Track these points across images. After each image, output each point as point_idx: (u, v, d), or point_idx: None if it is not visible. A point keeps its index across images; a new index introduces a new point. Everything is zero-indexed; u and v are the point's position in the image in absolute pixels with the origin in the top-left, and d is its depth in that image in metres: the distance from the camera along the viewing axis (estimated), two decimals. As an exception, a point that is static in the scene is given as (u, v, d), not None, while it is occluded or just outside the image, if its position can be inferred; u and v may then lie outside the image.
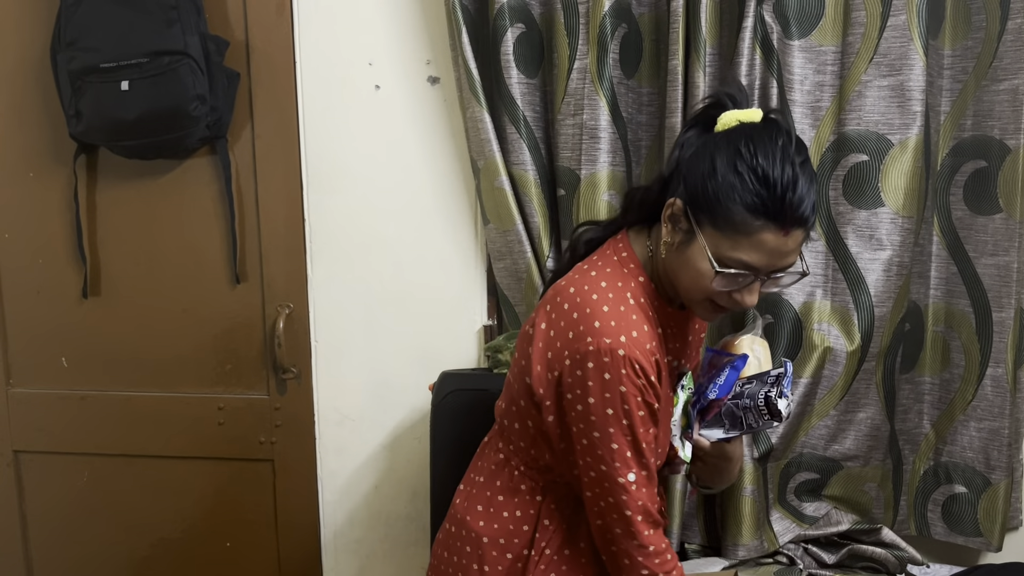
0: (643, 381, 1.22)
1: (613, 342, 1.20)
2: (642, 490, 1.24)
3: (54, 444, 2.23)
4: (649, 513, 1.25)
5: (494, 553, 1.34)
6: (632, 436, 1.22)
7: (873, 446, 1.79)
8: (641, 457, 1.23)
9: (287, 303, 2.10)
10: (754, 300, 1.20)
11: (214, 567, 2.23)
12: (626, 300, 1.24)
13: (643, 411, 1.22)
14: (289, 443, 2.16)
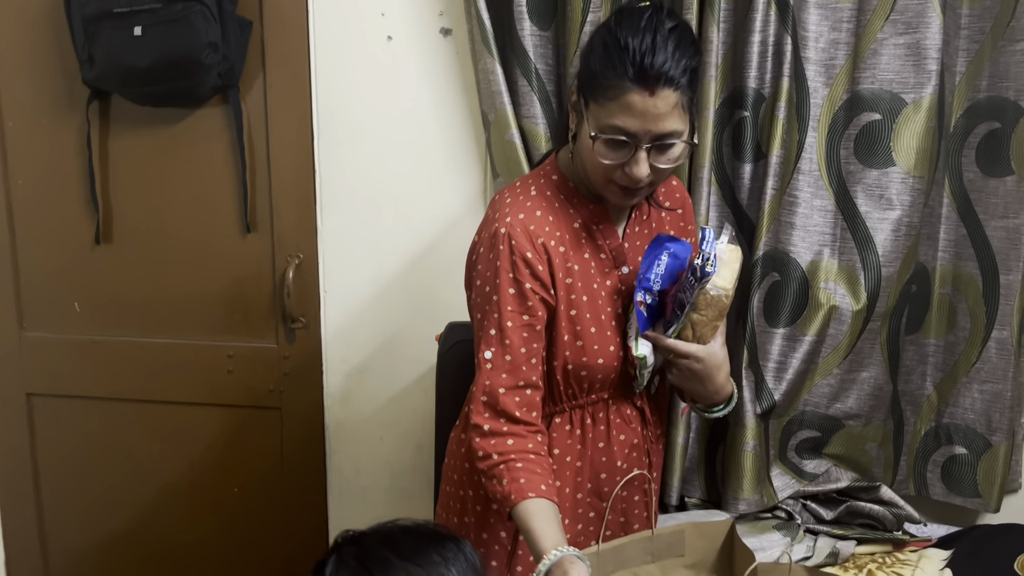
0: (517, 258, 1.28)
1: (499, 224, 1.31)
2: (497, 373, 1.28)
3: (66, 388, 2.26)
4: (494, 397, 1.28)
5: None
6: (499, 314, 1.28)
7: (875, 406, 1.81)
8: (503, 339, 1.28)
9: (297, 253, 2.12)
10: (642, 171, 1.24)
11: (221, 512, 2.28)
12: (528, 192, 1.35)
13: (513, 289, 1.28)
14: (297, 392, 2.19)
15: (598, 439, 1.42)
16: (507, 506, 1.24)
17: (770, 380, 1.77)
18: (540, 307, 1.31)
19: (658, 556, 1.42)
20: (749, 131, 1.74)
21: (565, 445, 1.40)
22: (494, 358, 1.29)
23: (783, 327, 1.76)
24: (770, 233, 1.75)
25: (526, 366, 1.30)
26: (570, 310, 1.34)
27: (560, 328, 1.34)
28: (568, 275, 1.34)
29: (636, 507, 1.49)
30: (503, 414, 1.29)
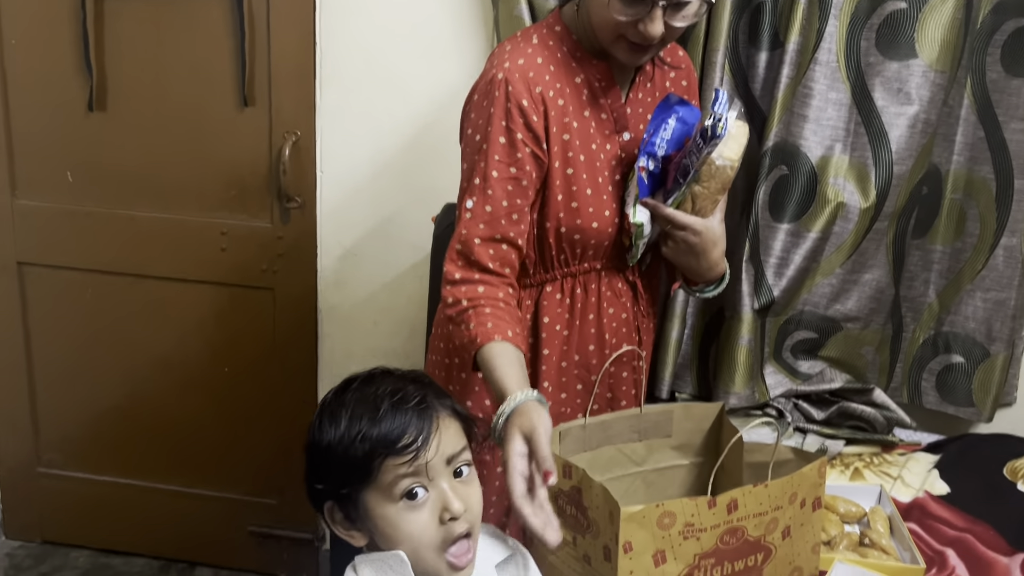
0: (512, 106, 1.24)
1: (498, 70, 1.26)
2: (475, 223, 1.25)
3: (58, 259, 2.24)
4: (469, 247, 1.25)
5: None
6: (485, 163, 1.25)
7: (875, 309, 1.78)
8: (486, 189, 1.25)
9: (294, 130, 2.06)
10: (657, 28, 1.19)
11: (211, 390, 2.28)
12: (530, 41, 1.30)
13: (504, 138, 1.24)
14: (290, 273, 2.16)
15: (588, 310, 1.39)
16: (472, 349, 1.21)
17: (770, 276, 1.74)
18: (530, 161, 1.26)
19: (645, 435, 1.41)
20: (767, 17, 1.67)
21: (555, 314, 1.38)
22: (475, 207, 1.26)
23: (788, 222, 1.72)
24: (781, 124, 1.69)
25: (506, 220, 1.26)
26: (566, 168, 1.30)
27: (554, 187, 1.30)
28: (565, 131, 1.29)
29: (624, 384, 1.47)
30: (476, 264, 1.26)
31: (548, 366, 1.38)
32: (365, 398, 0.93)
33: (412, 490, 0.91)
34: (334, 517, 0.96)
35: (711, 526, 1.14)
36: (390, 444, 0.90)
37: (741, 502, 1.15)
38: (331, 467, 0.93)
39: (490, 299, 1.24)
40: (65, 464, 2.39)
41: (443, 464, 0.93)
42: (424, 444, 0.91)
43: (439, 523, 0.91)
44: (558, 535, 1.01)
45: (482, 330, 1.20)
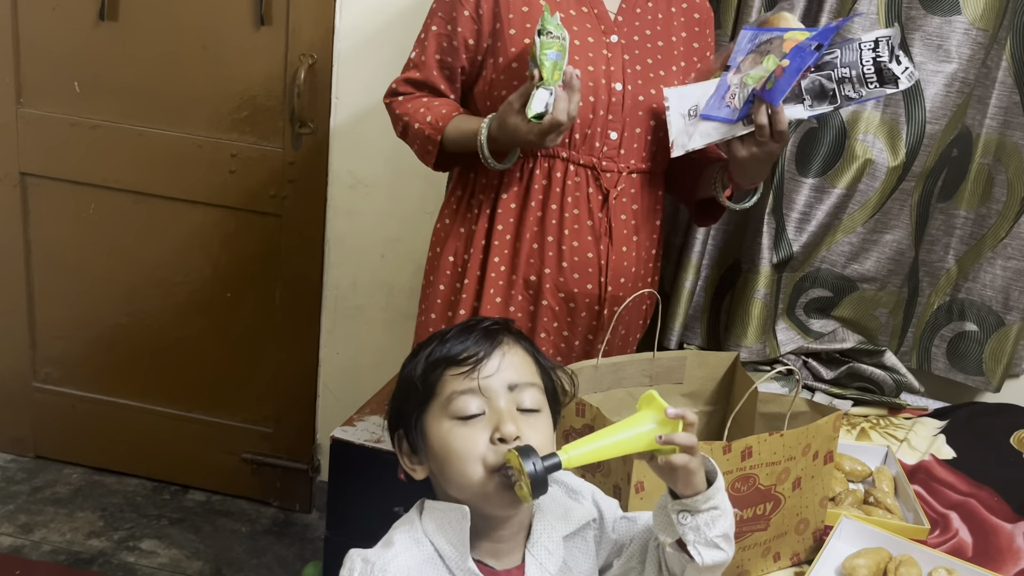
0: None
1: None
2: (408, 68, 1.43)
3: (62, 171, 2.19)
4: (401, 82, 1.44)
5: None
6: (430, 18, 1.40)
7: (893, 271, 1.75)
8: (424, 41, 1.40)
9: (311, 53, 2.01)
10: None
11: (212, 314, 2.25)
12: None
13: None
14: (299, 200, 2.12)
15: (550, 200, 1.36)
16: (438, 134, 1.35)
17: (791, 230, 1.71)
18: (465, 22, 1.36)
19: (656, 379, 1.39)
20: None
21: (511, 193, 1.38)
22: (415, 57, 1.42)
23: (813, 177, 1.69)
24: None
25: (437, 71, 1.40)
26: (523, 37, 1.34)
27: (509, 54, 1.34)
28: (525, 3, 1.35)
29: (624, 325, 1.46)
30: (409, 88, 1.43)
31: (496, 273, 1.39)
32: (444, 330, 0.94)
33: (466, 405, 0.88)
34: (401, 447, 0.93)
35: (724, 472, 1.11)
36: (450, 357, 0.89)
37: (756, 450, 1.13)
38: (401, 394, 0.93)
39: (434, 97, 1.41)
40: (61, 380, 2.38)
41: (503, 387, 0.89)
42: (484, 357, 0.89)
43: (490, 443, 0.87)
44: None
45: (438, 114, 1.36)
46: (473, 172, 1.43)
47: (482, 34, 1.37)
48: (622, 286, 1.40)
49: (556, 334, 1.42)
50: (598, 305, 1.40)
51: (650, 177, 1.42)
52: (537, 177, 1.37)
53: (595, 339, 1.43)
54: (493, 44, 1.36)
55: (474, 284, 1.40)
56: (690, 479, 0.86)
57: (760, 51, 1.27)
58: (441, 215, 1.49)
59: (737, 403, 1.27)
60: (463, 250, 1.42)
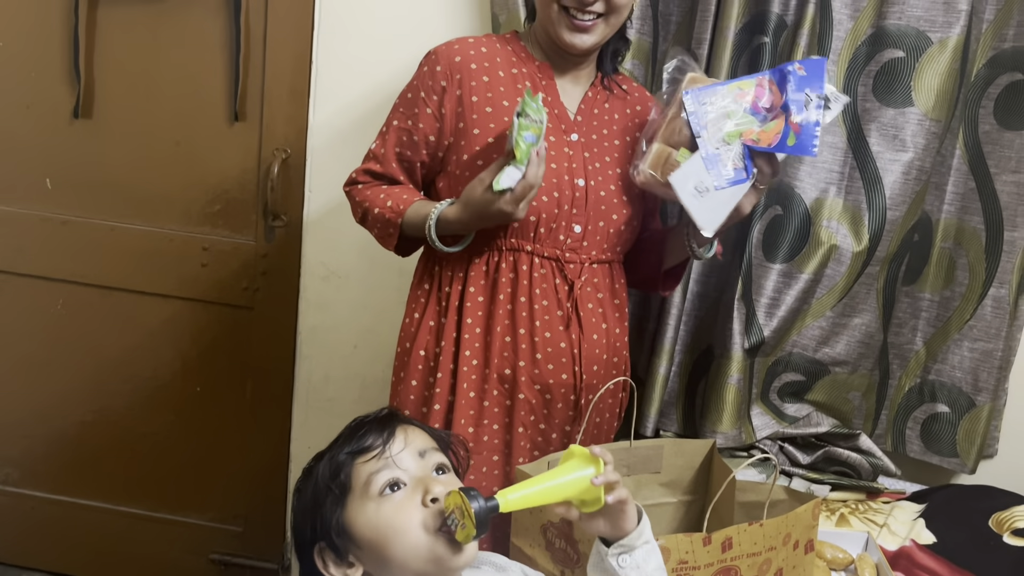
0: (427, 67, 1.41)
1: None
2: (368, 159, 1.47)
3: (31, 267, 2.17)
4: (361, 172, 1.48)
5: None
6: (392, 113, 1.45)
7: (864, 354, 1.77)
8: (386, 134, 1.44)
9: (284, 148, 2.03)
10: None
11: (180, 409, 2.21)
12: (478, 38, 1.45)
13: (411, 94, 1.42)
14: (272, 293, 2.12)
15: (518, 292, 1.38)
16: (399, 217, 1.38)
17: (761, 315, 1.72)
18: (427, 120, 1.40)
19: (634, 469, 1.38)
20: (767, 58, 1.68)
21: (479, 286, 1.39)
22: (375, 148, 1.46)
23: (780, 263, 1.72)
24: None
25: (396, 163, 1.43)
26: (487, 136, 1.38)
27: (473, 151, 1.38)
28: (488, 104, 1.39)
29: (601, 413, 1.45)
30: (358, 182, 1.48)
31: (468, 368, 1.39)
32: (332, 442, 0.96)
33: (387, 481, 0.89)
34: (326, 559, 0.92)
35: (705, 564, 1.10)
36: (356, 450, 0.92)
37: (736, 540, 1.12)
38: (309, 502, 0.93)
39: (391, 183, 1.45)
40: (21, 481, 2.30)
41: (415, 456, 0.92)
42: (389, 438, 0.92)
43: (423, 507, 0.88)
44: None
45: (399, 199, 1.39)
46: (438, 266, 1.44)
47: (444, 132, 1.40)
48: (596, 374, 1.40)
49: (533, 427, 1.40)
50: (574, 395, 1.40)
51: (611, 266, 1.45)
52: (504, 271, 1.38)
53: (572, 430, 1.42)
54: (456, 142, 1.39)
55: (447, 379, 1.40)
56: (625, 517, 0.92)
57: (718, 109, 1.33)
58: (409, 309, 1.49)
59: (716, 492, 1.26)
60: (434, 344, 1.42)
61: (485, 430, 1.39)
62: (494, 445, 1.39)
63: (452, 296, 1.41)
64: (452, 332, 1.40)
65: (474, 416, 1.37)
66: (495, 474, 1.40)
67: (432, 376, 1.42)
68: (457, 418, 1.37)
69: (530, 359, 1.37)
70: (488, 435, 1.39)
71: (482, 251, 1.39)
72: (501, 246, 1.38)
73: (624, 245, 1.46)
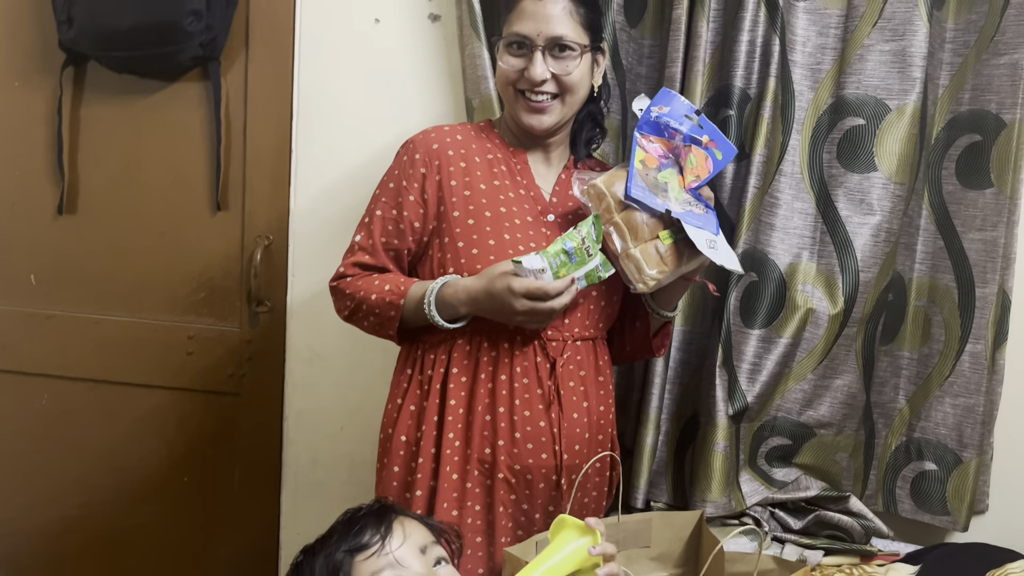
0: (406, 157, 1.45)
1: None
2: (358, 254, 1.47)
3: (15, 363, 2.18)
4: (349, 265, 1.48)
5: None
6: (374, 203, 1.47)
7: (848, 415, 1.78)
8: (371, 225, 1.46)
9: (267, 235, 2.06)
10: (537, 70, 1.39)
11: (167, 499, 2.18)
12: (453, 126, 1.51)
13: (392, 183, 1.46)
14: (258, 378, 2.12)
15: (499, 371, 1.39)
16: (401, 299, 1.38)
17: (743, 381, 1.74)
18: (411, 207, 1.43)
19: (623, 544, 1.38)
20: (733, 130, 1.73)
21: (462, 366, 1.41)
22: (361, 240, 1.47)
23: (759, 328, 1.74)
24: (750, 232, 1.73)
25: (384, 253, 1.45)
26: (467, 219, 1.42)
27: (454, 234, 1.42)
28: (467, 188, 1.43)
29: (588, 491, 1.45)
30: (344, 276, 1.49)
31: (451, 450, 1.39)
32: (324, 535, 0.95)
33: None
34: None
35: (696, 641, 1.09)
36: (352, 547, 0.90)
37: (726, 615, 1.11)
38: None
39: (380, 270, 1.46)
40: (7, 580, 2.26)
41: (416, 552, 0.91)
42: (387, 533, 0.89)
43: None
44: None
45: (396, 284, 1.40)
46: (421, 349, 1.45)
47: (427, 217, 1.43)
48: (577, 453, 1.41)
49: (515, 507, 1.40)
50: (555, 475, 1.40)
51: (593, 343, 1.46)
52: (485, 349, 1.40)
53: (556, 509, 1.41)
54: (439, 226, 1.42)
55: (429, 463, 1.40)
56: None
57: (650, 185, 1.40)
58: (392, 395, 1.50)
59: (704, 564, 1.25)
60: (415, 429, 1.43)
61: (468, 512, 1.38)
62: (477, 526, 1.39)
63: (435, 379, 1.42)
64: (433, 416, 1.41)
65: (457, 499, 1.37)
66: (479, 555, 1.39)
67: (414, 461, 1.42)
68: (439, 502, 1.37)
69: (509, 439, 1.38)
70: (471, 516, 1.39)
71: (465, 331, 1.40)
72: (485, 325, 1.39)
73: (607, 321, 1.48)
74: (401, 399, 1.46)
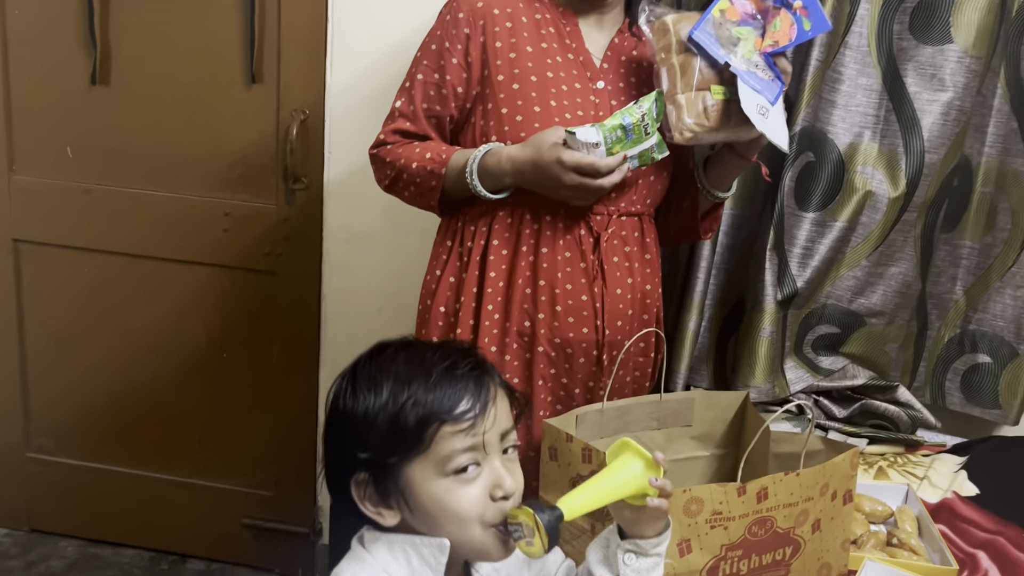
0: (450, 17, 1.36)
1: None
2: (399, 120, 1.40)
3: (55, 236, 2.17)
4: (389, 132, 1.41)
5: None
6: (415, 67, 1.39)
7: (901, 304, 1.72)
8: (411, 89, 1.39)
9: (303, 109, 2.00)
10: None
11: (207, 376, 2.20)
12: None
13: (435, 45, 1.37)
14: (295, 257, 2.10)
15: (541, 243, 1.35)
16: (442, 167, 1.32)
17: (794, 266, 1.67)
18: (454, 70, 1.35)
19: (664, 423, 1.35)
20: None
21: (503, 238, 1.36)
22: (402, 106, 1.40)
23: (813, 211, 1.66)
24: (809, 109, 1.63)
25: (425, 119, 1.38)
26: (512, 83, 1.34)
27: (498, 100, 1.34)
28: (513, 50, 1.35)
29: (629, 369, 1.41)
30: (387, 142, 1.42)
31: (490, 322, 1.36)
32: (411, 363, 0.85)
33: (468, 464, 0.84)
34: (363, 492, 0.87)
35: (739, 515, 1.07)
36: (447, 410, 0.83)
37: (771, 491, 1.09)
38: (372, 435, 0.84)
39: (422, 137, 1.40)
40: (55, 450, 2.32)
41: (497, 439, 0.86)
42: (483, 412, 0.84)
43: (490, 500, 0.84)
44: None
45: (437, 151, 1.34)
46: (461, 221, 1.40)
47: (471, 81, 1.36)
48: (619, 329, 1.37)
49: (554, 381, 1.38)
50: (596, 350, 1.36)
51: (640, 220, 1.40)
52: (527, 222, 1.35)
53: (596, 385, 1.38)
54: (482, 91, 1.35)
55: (467, 335, 1.37)
56: (655, 523, 0.88)
57: (722, 36, 1.29)
58: (430, 267, 1.47)
59: (748, 444, 1.22)
60: (454, 300, 1.39)
61: None
62: None
63: (474, 251, 1.37)
64: (473, 287, 1.37)
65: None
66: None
67: (452, 333, 1.39)
68: None
69: (549, 312, 1.34)
70: None
71: (507, 203, 1.35)
72: (527, 197, 1.34)
73: (655, 198, 1.41)
74: (440, 271, 1.43)
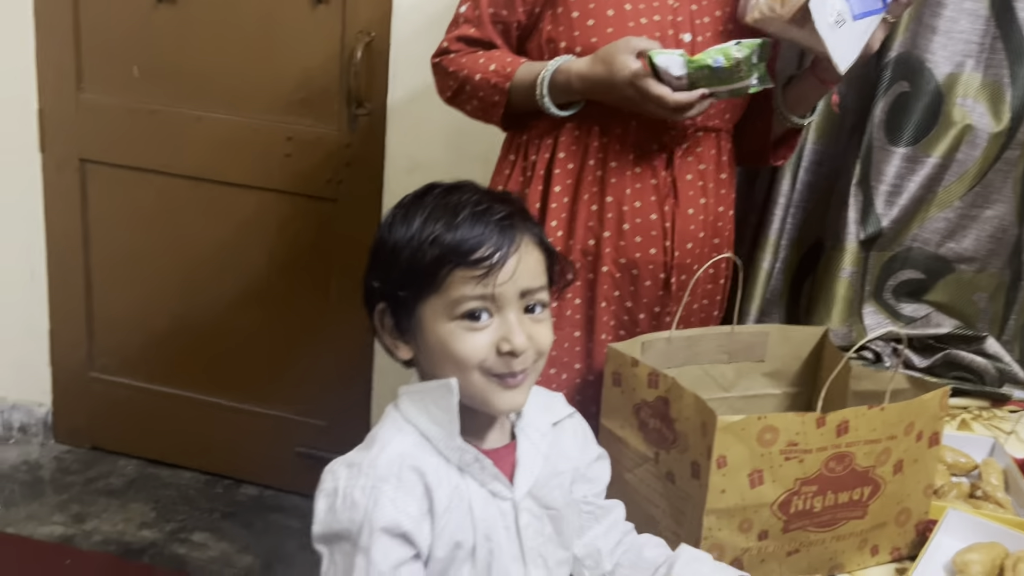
0: None
1: None
2: (460, 25, 1.33)
3: (121, 157, 2.18)
4: (453, 40, 1.33)
5: None
6: None
7: (994, 250, 1.60)
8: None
9: (368, 31, 1.95)
10: None
11: (267, 303, 2.20)
12: None
13: None
14: (356, 185, 2.06)
15: (609, 158, 1.27)
16: (507, 81, 1.25)
17: (880, 204, 1.57)
18: None
19: (735, 356, 1.28)
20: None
21: (570, 151, 1.28)
22: (467, 11, 1.32)
23: (904, 146, 1.55)
24: (907, 35, 1.52)
25: (490, 26, 1.30)
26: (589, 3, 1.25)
27: (568, 3, 1.25)
28: None
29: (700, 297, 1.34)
30: (450, 50, 1.34)
31: (552, 239, 1.28)
32: (446, 203, 0.84)
33: (475, 312, 0.81)
34: (384, 322, 0.87)
35: (817, 448, 1.00)
36: (463, 254, 0.81)
37: (853, 425, 1.01)
38: (394, 267, 0.84)
39: (487, 47, 1.31)
40: (118, 370, 2.35)
41: (515, 295, 0.83)
42: (500, 263, 0.81)
43: (495, 353, 0.82)
44: None
45: (502, 63, 1.26)
46: (526, 134, 1.34)
47: None
48: (689, 252, 1.29)
49: (618, 304, 1.31)
50: (664, 273, 1.29)
51: (717, 136, 1.31)
52: (596, 134, 1.27)
53: (662, 311, 1.32)
54: None
55: None
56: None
57: None
58: (492, 183, 1.41)
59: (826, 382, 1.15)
60: None
61: (567, 305, 1.30)
62: (575, 320, 1.31)
63: (539, 164, 1.31)
64: (536, 202, 1.31)
65: (554, 290, 1.28)
66: (576, 350, 1.32)
67: None
68: None
69: (616, 231, 1.27)
70: (570, 310, 1.31)
71: (575, 115, 1.27)
72: (596, 109, 1.26)
73: (734, 112, 1.32)
74: (502, 186, 1.37)
